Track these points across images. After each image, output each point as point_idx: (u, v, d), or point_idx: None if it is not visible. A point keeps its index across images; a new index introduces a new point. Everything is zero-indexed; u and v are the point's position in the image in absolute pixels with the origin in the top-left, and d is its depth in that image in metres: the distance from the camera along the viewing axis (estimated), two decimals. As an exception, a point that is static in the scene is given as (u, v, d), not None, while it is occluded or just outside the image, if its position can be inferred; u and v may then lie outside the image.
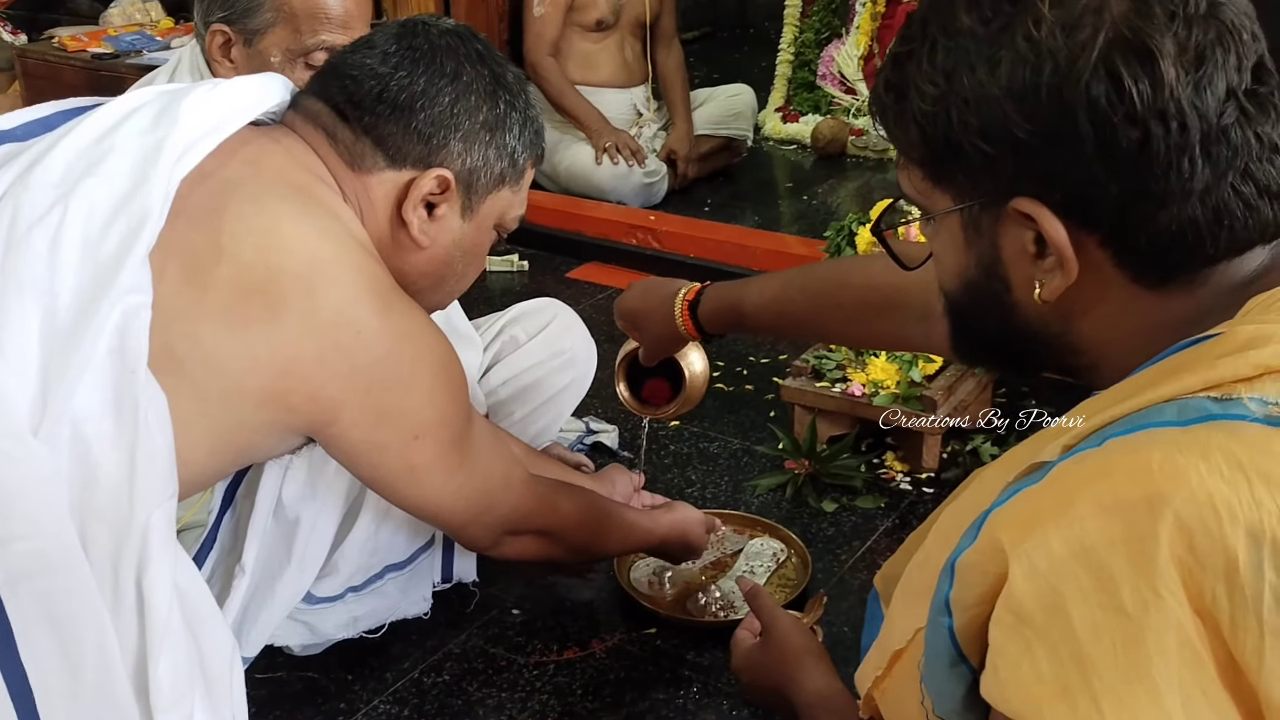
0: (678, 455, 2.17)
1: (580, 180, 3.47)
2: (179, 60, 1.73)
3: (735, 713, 1.52)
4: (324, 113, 1.21)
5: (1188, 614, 0.63)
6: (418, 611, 1.65)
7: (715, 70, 4.76)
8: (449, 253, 1.27)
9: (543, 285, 2.96)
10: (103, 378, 1.01)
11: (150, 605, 1.04)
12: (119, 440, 1.01)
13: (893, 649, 0.86)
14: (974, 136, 0.75)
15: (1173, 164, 0.72)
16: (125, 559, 1.03)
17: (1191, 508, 0.63)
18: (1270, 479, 0.63)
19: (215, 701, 1.12)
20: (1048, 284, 0.77)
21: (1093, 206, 0.74)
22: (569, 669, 1.61)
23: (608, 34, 3.58)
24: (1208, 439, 0.65)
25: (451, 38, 1.24)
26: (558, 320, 1.99)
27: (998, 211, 0.77)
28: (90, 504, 1.01)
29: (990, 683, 0.70)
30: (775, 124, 4.10)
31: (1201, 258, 0.75)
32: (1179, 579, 0.63)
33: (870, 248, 2.14)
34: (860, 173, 3.81)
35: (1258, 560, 0.62)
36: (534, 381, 1.92)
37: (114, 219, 1.04)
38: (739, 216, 3.41)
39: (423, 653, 1.65)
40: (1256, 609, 0.62)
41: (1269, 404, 0.67)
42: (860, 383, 2.07)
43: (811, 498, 2.00)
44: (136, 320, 1.02)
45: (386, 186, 1.21)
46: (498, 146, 1.24)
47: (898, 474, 2.07)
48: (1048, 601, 0.66)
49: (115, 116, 1.12)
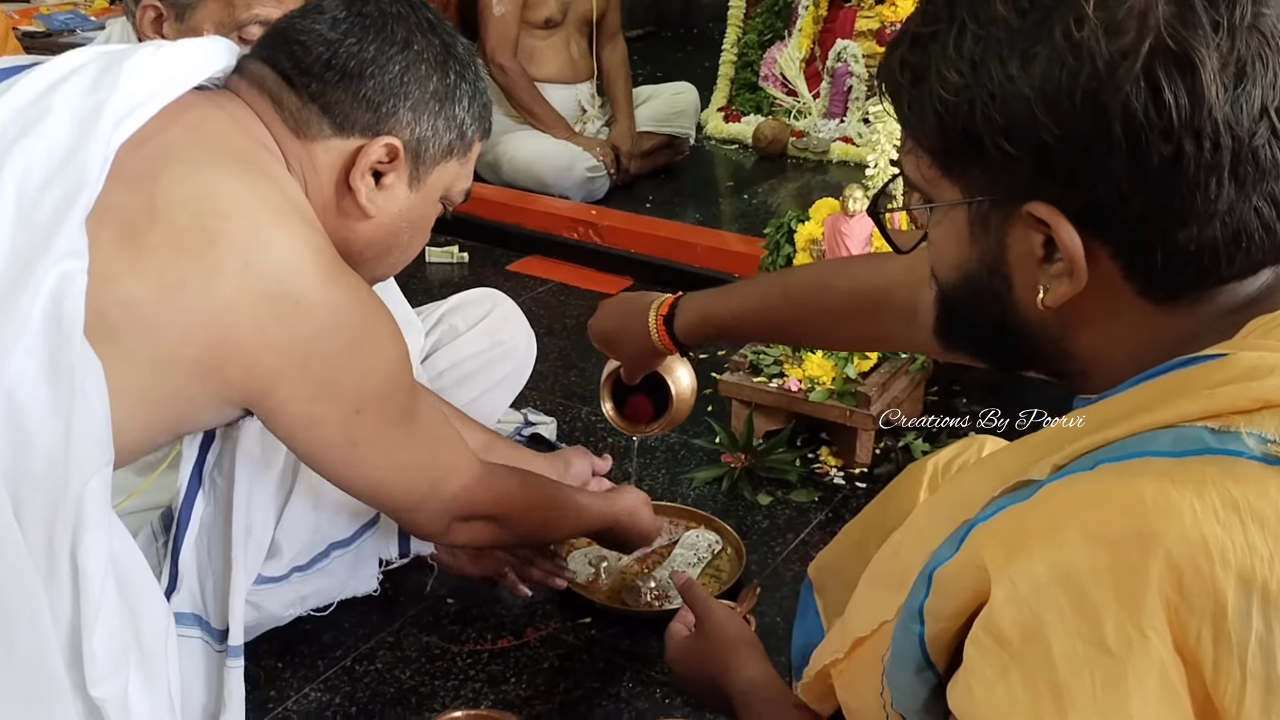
0: (615, 447, 2.17)
1: (523, 172, 3.46)
2: (109, 35, 1.70)
3: (669, 701, 1.53)
4: (270, 78, 1.19)
5: (1170, 654, 0.62)
6: (366, 589, 1.62)
7: (659, 69, 4.78)
8: (396, 223, 1.25)
9: (483, 277, 2.94)
10: (37, 344, 0.99)
11: (85, 574, 1.02)
12: (54, 407, 0.99)
13: (855, 635, 0.86)
14: (997, 134, 0.71)
15: (1200, 183, 0.68)
16: (60, 527, 1.01)
17: (1184, 547, 0.61)
18: (1265, 523, 0.62)
19: (151, 673, 1.10)
20: (1053, 290, 0.74)
21: (1112, 218, 0.71)
22: (503, 657, 1.61)
23: (554, 31, 3.58)
24: (1203, 474, 0.64)
25: (402, 5, 1.22)
26: (497, 311, 1.98)
27: (1009, 211, 0.74)
28: (24, 471, 0.99)
29: (962, 698, 0.70)
30: (717, 123, 4.12)
31: (1215, 279, 0.72)
32: (1165, 618, 0.62)
33: (809, 244, 2.17)
34: (800, 174, 3.84)
35: (1246, 607, 0.61)
36: (472, 371, 1.92)
37: (50, 182, 1.01)
38: (680, 214, 3.42)
39: (355, 640, 1.64)
40: (1241, 656, 0.61)
41: (1268, 441, 0.65)
42: (797, 378, 2.09)
43: (747, 491, 2.02)
44: (72, 286, 0.99)
45: (332, 154, 1.19)
46: (447, 117, 1.23)
47: (832, 468, 2.09)
48: (1028, 627, 0.65)
49: (54, 76, 1.09)
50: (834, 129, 3.91)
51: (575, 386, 2.43)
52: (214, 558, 1.37)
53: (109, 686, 1.04)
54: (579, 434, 2.22)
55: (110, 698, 1.05)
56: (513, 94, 3.50)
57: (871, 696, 0.83)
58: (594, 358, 2.56)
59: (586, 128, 3.65)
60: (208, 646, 1.37)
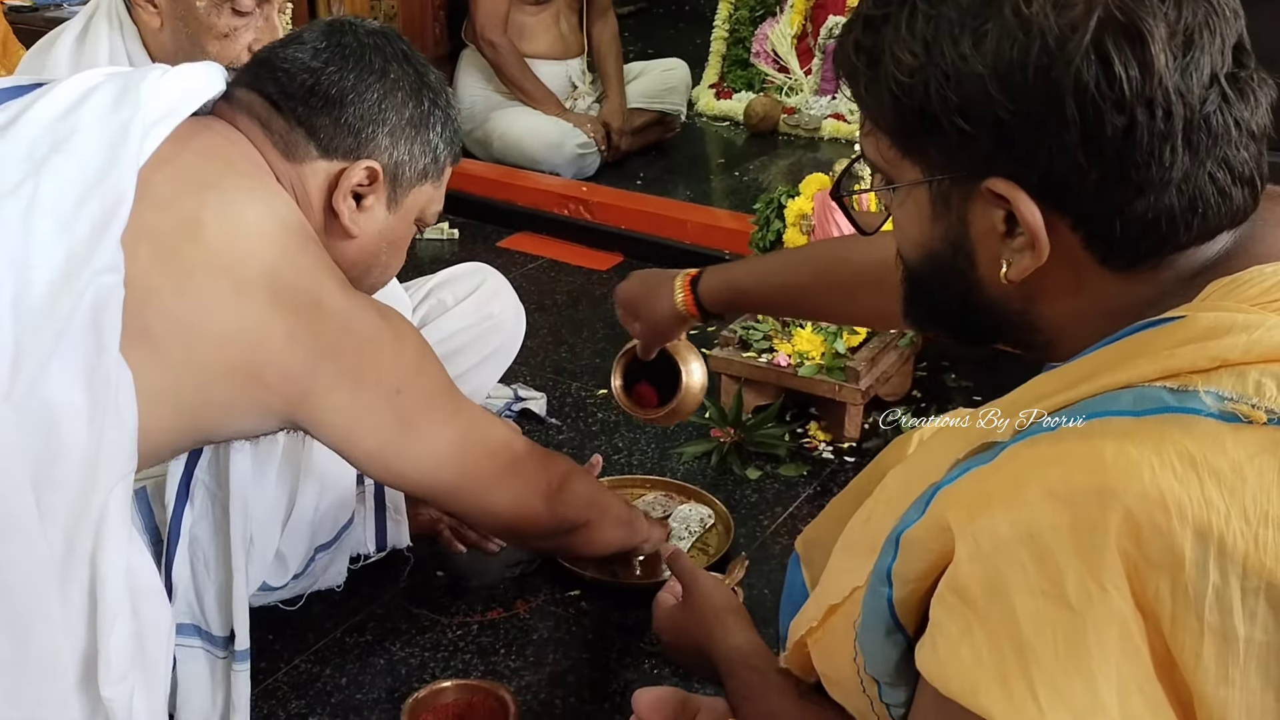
0: (604, 423, 2.18)
1: (513, 149, 3.45)
2: (95, 7, 1.68)
3: (657, 671, 1.54)
4: (258, 103, 1.24)
5: (1130, 608, 0.63)
6: (334, 583, 1.65)
7: (650, 45, 4.75)
8: (376, 243, 1.30)
9: (473, 253, 2.95)
10: (77, 353, 1.03)
11: (105, 579, 1.06)
12: (88, 415, 1.03)
13: (829, 603, 0.87)
14: (952, 113, 0.72)
15: (1155, 152, 0.69)
16: (81, 532, 1.05)
17: (1142, 504, 0.63)
18: (1221, 478, 0.63)
19: (152, 680, 1.14)
20: (1016, 264, 0.75)
21: (1070, 191, 0.72)
22: (493, 629, 1.62)
23: (545, 7, 3.57)
24: (1161, 432, 0.65)
25: (378, 37, 1.29)
26: (486, 285, 1.99)
27: (969, 188, 0.75)
28: (50, 475, 1.03)
29: (928, 658, 0.70)
30: (709, 100, 4.11)
31: (1173, 245, 0.73)
32: (1124, 573, 0.63)
33: (798, 220, 2.17)
34: (791, 150, 3.84)
35: (1204, 560, 0.62)
36: (461, 346, 1.92)
37: (86, 198, 1.06)
38: (671, 190, 3.42)
39: (345, 613, 1.64)
40: (1198, 608, 0.62)
41: (1224, 399, 0.66)
42: (786, 353, 2.10)
43: (736, 465, 2.02)
44: (111, 298, 1.04)
45: (319, 176, 1.25)
46: (422, 142, 1.29)
47: (820, 443, 2.10)
48: (991, 585, 0.66)
49: (74, 95, 1.14)
50: (826, 106, 3.91)
51: (565, 362, 2.43)
52: (211, 568, 1.40)
53: (120, 688, 1.08)
54: (569, 409, 2.23)
55: (118, 698, 1.08)
56: (503, 70, 3.49)
57: (846, 663, 0.84)
58: (584, 333, 2.57)
59: (577, 104, 3.64)
60: (209, 655, 1.40)
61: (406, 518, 1.68)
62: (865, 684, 0.83)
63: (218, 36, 1.59)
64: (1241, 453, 0.64)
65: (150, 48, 1.63)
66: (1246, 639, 0.62)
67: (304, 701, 1.50)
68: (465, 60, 3.60)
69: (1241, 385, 0.67)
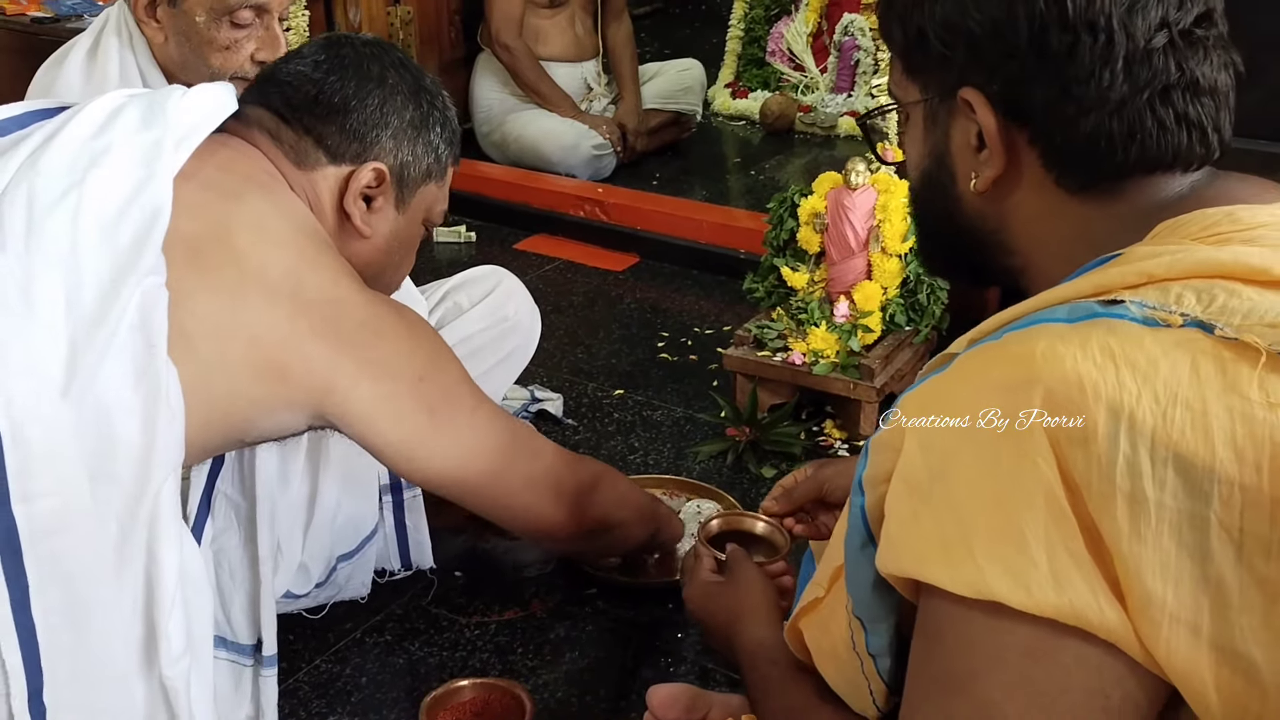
0: (621, 423, 2.19)
1: (529, 151, 3.47)
2: (105, 21, 1.70)
3: (673, 670, 1.56)
4: (267, 117, 1.31)
5: (1056, 478, 0.70)
6: (358, 594, 1.68)
7: (666, 45, 4.76)
8: (388, 243, 1.37)
9: (490, 256, 2.96)
10: (126, 353, 1.09)
11: (162, 566, 1.12)
12: (141, 412, 1.10)
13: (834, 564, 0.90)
14: (938, 26, 0.84)
15: (1095, 73, 0.79)
16: (136, 524, 1.11)
17: (1062, 385, 0.71)
18: (1136, 367, 0.70)
19: (201, 666, 1.19)
20: (982, 175, 0.85)
21: (1023, 103, 0.82)
22: (510, 629, 1.64)
23: (560, 9, 3.58)
24: (1088, 333, 0.72)
25: (374, 47, 1.36)
26: (501, 287, 2.00)
27: (951, 105, 0.86)
28: (105, 469, 1.09)
29: (884, 550, 0.78)
30: (724, 99, 4.12)
31: (1113, 167, 0.81)
32: (1049, 447, 0.70)
33: (811, 218, 2.18)
34: (807, 149, 3.84)
35: (1114, 432, 0.69)
36: (478, 348, 1.93)
37: (127, 208, 1.13)
38: (687, 191, 3.43)
39: (365, 613, 1.66)
40: (1110, 474, 0.69)
41: (1147, 307, 0.73)
42: (801, 351, 2.11)
43: (752, 464, 2.03)
44: (158, 301, 1.11)
45: (330, 182, 1.31)
46: (424, 143, 1.35)
47: (836, 441, 2.11)
48: (934, 468, 0.75)
49: (102, 115, 1.21)
50: (841, 103, 3.90)
51: (582, 363, 2.44)
52: (236, 577, 1.43)
53: (179, 667, 1.14)
54: (585, 410, 2.24)
55: (177, 677, 1.15)
56: (518, 73, 3.50)
57: (839, 628, 0.88)
58: (600, 334, 2.58)
59: (592, 106, 3.65)
60: (233, 665, 1.44)
61: (429, 538, 1.70)
62: (854, 634, 0.86)
63: (219, 49, 1.61)
64: (1158, 349, 0.71)
65: (159, 60, 1.65)
66: (1157, 503, 0.69)
67: (324, 701, 1.52)
68: (481, 64, 3.62)
69: (1164, 297, 0.74)
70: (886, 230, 2.12)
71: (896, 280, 2.14)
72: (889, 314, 2.14)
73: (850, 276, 2.15)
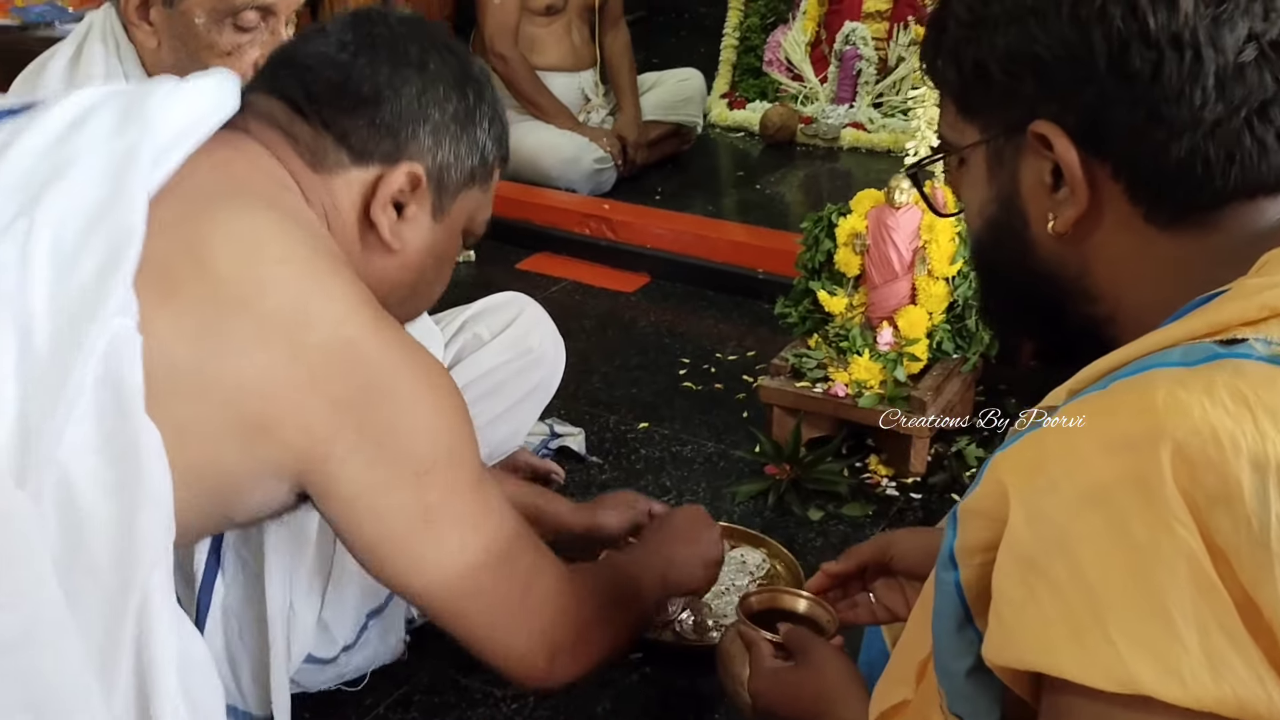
0: (649, 460, 2.04)
1: (527, 165, 3.31)
2: (89, 26, 1.54)
3: (734, 745, 1.41)
4: (278, 110, 1.08)
5: (1199, 545, 0.61)
6: (394, 656, 1.50)
7: (653, 55, 4.61)
8: (421, 258, 1.13)
9: (491, 276, 2.80)
10: (91, 412, 0.87)
11: (155, 664, 0.91)
12: (114, 485, 0.88)
13: (918, 658, 0.81)
14: (1000, 58, 0.77)
15: (1185, 92, 0.73)
16: (124, 622, 0.89)
17: (1194, 439, 0.62)
18: (1274, 413, 0.63)
19: None
20: (1061, 215, 0.78)
21: (1105, 131, 0.75)
22: (550, 702, 1.47)
23: (556, 17, 3.45)
24: (1212, 376, 0.65)
25: (413, 25, 1.13)
26: (524, 316, 1.85)
27: (1019, 142, 0.79)
28: (79, 562, 0.87)
29: (995, 637, 0.67)
30: (721, 110, 3.98)
31: (1211, 194, 0.75)
32: (1188, 511, 0.62)
33: (851, 239, 2.04)
34: (810, 161, 3.71)
35: (1263, 489, 0.61)
36: (499, 383, 1.79)
37: (89, 234, 0.90)
38: (690, 205, 3.28)
39: (390, 685, 1.50)
40: (1264, 538, 0.60)
41: (1273, 344, 0.67)
42: (843, 382, 1.96)
43: (796, 505, 1.88)
44: (127, 348, 0.88)
45: (353, 187, 1.08)
46: (469, 141, 1.13)
47: (882, 479, 1.96)
48: (1053, 542, 0.65)
49: (69, 116, 0.99)
50: (843, 115, 3.77)
51: (600, 393, 2.28)
52: (246, 640, 1.26)
53: None
54: (609, 446, 2.08)
55: None
56: (514, 84, 3.35)
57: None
58: (616, 361, 2.43)
59: (590, 117, 3.51)
60: None
61: None
62: None
63: (220, 54, 1.45)
64: None
65: (149, 68, 1.50)
66: None
67: (348, 790, 1.36)
68: (473, 74, 3.47)
69: None
70: (933, 251, 1.98)
71: (943, 305, 2.00)
72: (935, 341, 2.00)
73: (893, 301, 2.01)
